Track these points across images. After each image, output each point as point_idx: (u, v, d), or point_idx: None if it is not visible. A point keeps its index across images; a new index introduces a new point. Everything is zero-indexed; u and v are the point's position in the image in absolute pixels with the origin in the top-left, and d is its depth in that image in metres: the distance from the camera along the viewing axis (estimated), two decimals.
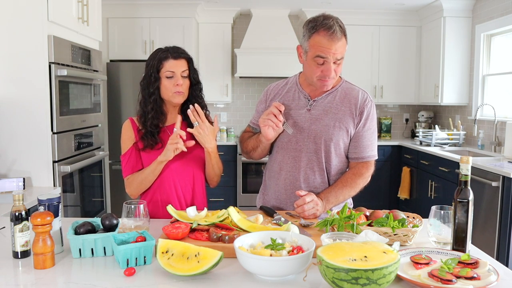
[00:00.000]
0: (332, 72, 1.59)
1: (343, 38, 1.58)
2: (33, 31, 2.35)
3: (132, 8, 4.56)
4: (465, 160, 1.22)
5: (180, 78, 1.69)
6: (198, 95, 1.79)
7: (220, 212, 1.46)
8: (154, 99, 1.72)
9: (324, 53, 1.56)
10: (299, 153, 1.70)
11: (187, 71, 1.72)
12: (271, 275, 1.07)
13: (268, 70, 4.75)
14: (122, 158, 1.76)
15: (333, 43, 1.55)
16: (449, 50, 4.48)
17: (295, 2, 4.67)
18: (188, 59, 1.74)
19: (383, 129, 5.26)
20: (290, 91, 1.76)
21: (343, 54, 1.59)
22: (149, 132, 1.72)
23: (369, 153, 1.73)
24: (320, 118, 1.68)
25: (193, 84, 1.76)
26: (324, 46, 1.55)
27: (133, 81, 4.36)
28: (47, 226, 1.14)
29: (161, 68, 1.70)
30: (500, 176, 3.02)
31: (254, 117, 1.87)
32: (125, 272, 1.10)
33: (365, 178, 1.72)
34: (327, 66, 1.58)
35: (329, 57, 1.56)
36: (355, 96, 1.70)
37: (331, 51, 1.56)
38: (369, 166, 1.74)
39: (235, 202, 4.75)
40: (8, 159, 2.42)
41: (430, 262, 1.11)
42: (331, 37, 1.54)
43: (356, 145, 1.72)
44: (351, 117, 1.68)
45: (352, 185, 1.69)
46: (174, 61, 1.69)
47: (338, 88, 1.72)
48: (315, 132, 1.67)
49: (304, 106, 1.71)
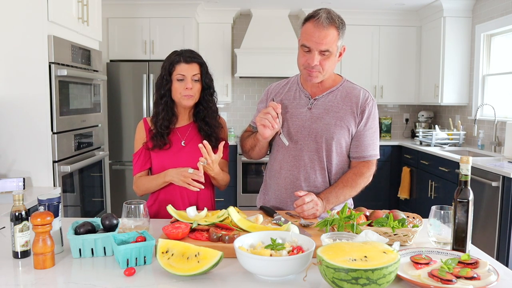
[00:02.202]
0: (315, 62, 1.56)
1: (332, 29, 1.54)
2: (33, 31, 2.35)
3: (132, 8, 4.56)
4: (465, 160, 1.22)
5: (190, 82, 1.72)
6: (209, 100, 1.81)
7: (220, 212, 1.47)
8: (165, 101, 1.76)
9: (307, 42, 1.55)
10: (300, 152, 1.69)
11: (199, 75, 1.75)
12: (271, 275, 1.07)
13: (268, 70, 4.75)
14: (133, 156, 1.83)
15: (316, 31, 1.53)
16: (449, 50, 4.48)
17: (295, 2, 4.67)
18: (201, 64, 1.77)
19: (383, 129, 5.26)
20: (291, 90, 1.76)
21: (329, 46, 1.55)
22: (159, 133, 1.76)
23: (370, 152, 1.72)
24: (321, 116, 1.67)
25: (204, 88, 1.78)
26: (308, 34, 1.55)
27: (133, 81, 4.36)
28: (47, 226, 1.14)
29: (173, 71, 1.74)
30: (500, 176, 3.02)
31: (254, 117, 1.86)
32: (125, 272, 1.10)
33: (366, 177, 1.72)
34: (312, 54, 1.57)
35: (312, 45, 1.55)
36: (356, 95, 1.70)
37: (314, 39, 1.54)
38: (371, 165, 1.74)
39: (235, 202, 4.75)
40: (8, 159, 2.42)
41: (430, 262, 1.11)
42: (315, 24, 1.53)
43: (358, 144, 1.71)
44: (352, 116, 1.67)
45: (352, 185, 1.68)
46: (186, 65, 1.73)
47: (339, 87, 1.71)
48: (316, 131, 1.67)
49: (305, 104, 1.70)
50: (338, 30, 1.56)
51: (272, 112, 1.56)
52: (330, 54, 1.57)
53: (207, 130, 1.79)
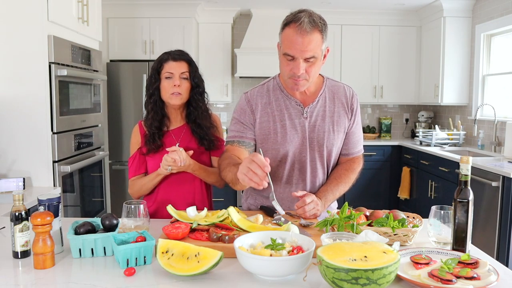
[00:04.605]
0: (301, 70, 1.46)
1: (315, 33, 1.43)
2: (33, 31, 2.35)
3: (132, 8, 4.56)
4: (465, 160, 1.22)
5: (178, 79, 1.71)
6: (199, 99, 1.79)
7: (220, 212, 1.47)
8: (154, 100, 1.75)
9: (290, 50, 1.44)
10: (304, 164, 1.66)
11: (187, 73, 1.74)
12: (271, 275, 1.07)
13: (268, 70, 4.73)
14: (129, 160, 1.83)
15: (299, 37, 1.42)
16: (449, 50, 4.48)
17: (295, 2, 4.67)
18: (189, 62, 1.76)
19: (383, 129, 5.26)
20: (278, 99, 1.64)
21: (314, 52, 1.45)
22: (151, 135, 1.75)
23: (359, 147, 1.74)
24: (319, 125, 1.63)
25: (193, 87, 1.77)
26: (291, 41, 1.44)
27: (133, 81, 4.36)
28: (47, 226, 1.14)
29: (161, 69, 1.73)
30: (500, 176, 3.02)
31: (237, 130, 1.65)
32: (125, 272, 1.10)
33: (357, 172, 1.74)
34: (296, 62, 1.46)
35: (296, 54, 1.44)
36: (343, 94, 1.67)
37: (297, 46, 1.43)
38: (360, 160, 1.76)
39: (235, 202, 4.75)
40: (8, 159, 2.42)
41: (430, 262, 1.11)
42: (298, 30, 1.42)
43: (347, 142, 1.71)
44: (345, 116, 1.67)
45: (346, 180, 1.69)
46: (174, 62, 1.72)
47: (324, 89, 1.66)
48: (316, 140, 1.64)
49: (299, 113, 1.63)
50: (322, 33, 1.46)
51: (259, 172, 1.28)
52: (316, 60, 1.48)
53: (199, 132, 1.78)
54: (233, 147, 1.64)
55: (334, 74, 4.96)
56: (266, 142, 1.64)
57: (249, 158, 1.30)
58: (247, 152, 1.64)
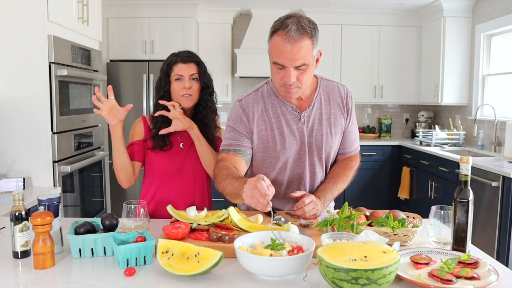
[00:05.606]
0: (293, 79, 1.42)
1: (305, 40, 1.37)
2: (33, 31, 2.35)
3: (132, 8, 4.56)
4: (465, 160, 1.22)
5: (188, 81, 1.72)
6: (209, 99, 1.80)
7: (220, 212, 1.47)
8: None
9: (280, 59, 1.40)
10: (303, 169, 1.65)
11: (197, 74, 1.75)
12: (271, 275, 1.07)
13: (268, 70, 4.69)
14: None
15: (288, 45, 1.36)
16: (449, 50, 4.48)
17: (295, 2, 4.67)
18: (198, 63, 1.77)
19: (383, 129, 5.26)
20: (274, 105, 1.60)
21: (305, 60, 1.39)
22: (160, 135, 1.74)
23: (355, 146, 1.75)
24: (316, 129, 1.62)
25: (203, 88, 1.78)
26: (279, 50, 1.39)
27: (133, 81, 4.36)
28: (47, 226, 1.14)
29: (170, 72, 1.74)
30: (500, 176, 3.02)
31: (233, 138, 1.60)
32: (125, 272, 1.10)
33: (354, 170, 1.74)
34: (287, 71, 1.42)
35: (286, 62, 1.39)
36: (337, 93, 1.65)
37: (286, 55, 1.38)
38: (357, 158, 1.76)
39: None
40: (8, 159, 2.42)
41: (430, 262, 1.11)
42: (286, 38, 1.36)
43: (344, 141, 1.71)
44: (342, 116, 1.66)
45: (344, 179, 1.69)
46: (183, 64, 1.73)
47: (319, 90, 1.63)
48: (315, 145, 1.63)
49: (296, 119, 1.60)
50: (312, 38, 1.40)
51: (262, 201, 1.23)
52: (307, 67, 1.43)
53: (205, 131, 1.78)
54: (229, 156, 1.59)
55: (334, 74, 4.95)
56: (266, 151, 1.61)
57: (253, 184, 1.24)
58: (243, 160, 1.60)
